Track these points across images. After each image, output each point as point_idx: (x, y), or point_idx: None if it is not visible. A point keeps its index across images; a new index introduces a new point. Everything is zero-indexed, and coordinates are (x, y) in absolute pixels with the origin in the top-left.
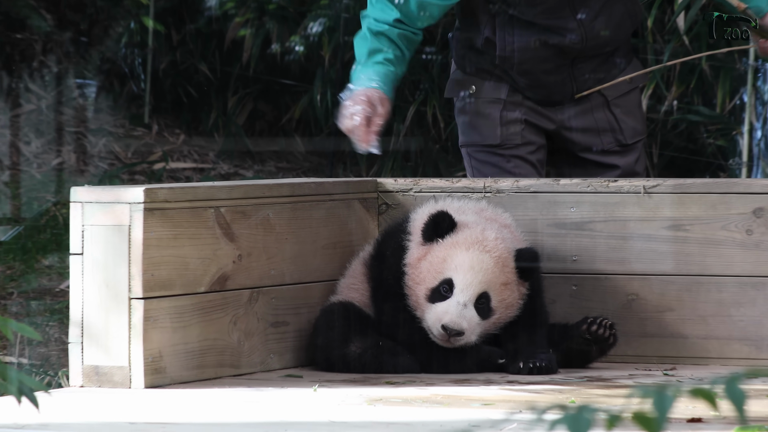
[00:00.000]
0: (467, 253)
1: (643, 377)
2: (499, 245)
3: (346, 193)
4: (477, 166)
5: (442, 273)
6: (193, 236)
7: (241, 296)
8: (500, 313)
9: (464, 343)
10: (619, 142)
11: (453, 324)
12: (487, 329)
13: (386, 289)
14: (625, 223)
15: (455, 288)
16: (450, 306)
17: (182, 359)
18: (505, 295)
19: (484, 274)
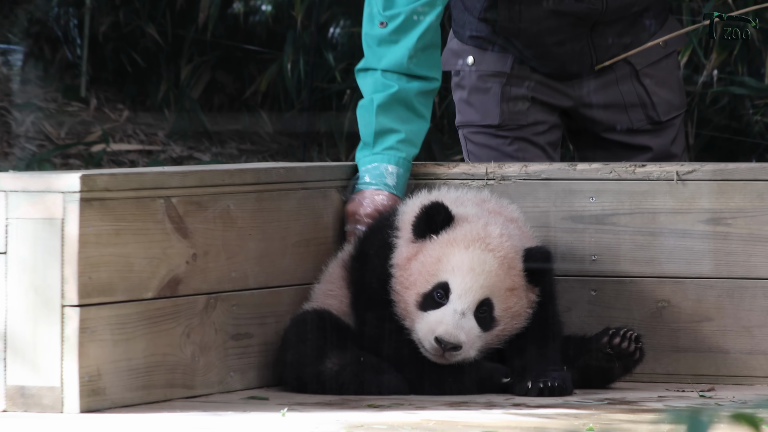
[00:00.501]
0: (466, 252)
1: (675, 399)
2: (504, 243)
3: (322, 180)
4: (474, 150)
5: (436, 276)
6: (138, 232)
7: (195, 303)
8: (505, 323)
9: (462, 359)
10: (650, 120)
11: (448, 336)
12: (489, 343)
13: (369, 294)
14: (655, 216)
15: (452, 293)
16: (445, 315)
17: (125, 378)
18: (510, 303)
19: (486, 278)
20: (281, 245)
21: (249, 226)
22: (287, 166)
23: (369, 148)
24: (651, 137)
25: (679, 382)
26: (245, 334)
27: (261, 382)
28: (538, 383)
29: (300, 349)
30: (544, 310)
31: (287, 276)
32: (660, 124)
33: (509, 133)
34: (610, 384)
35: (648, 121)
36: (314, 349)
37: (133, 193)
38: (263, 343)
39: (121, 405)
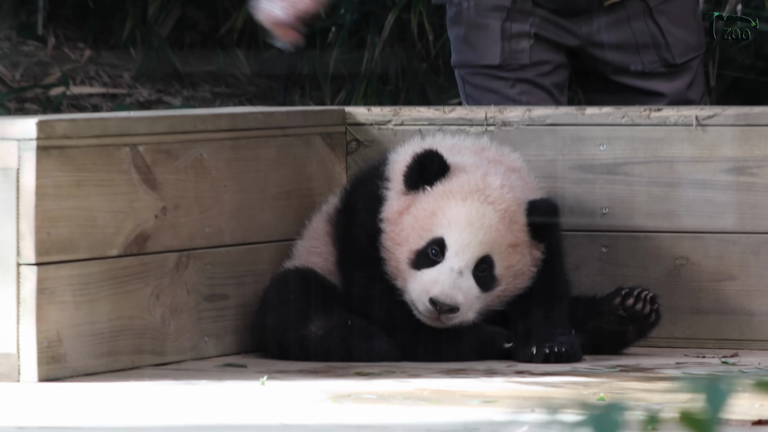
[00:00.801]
0: (464, 204)
1: (694, 366)
2: (505, 195)
3: (305, 126)
4: (472, 92)
5: (430, 231)
6: (102, 183)
7: (165, 261)
8: (506, 283)
9: (459, 323)
10: (665, 62)
11: (444, 297)
12: (489, 304)
13: (357, 252)
14: (672, 165)
15: (448, 250)
16: (441, 274)
17: (88, 344)
18: (512, 260)
19: (486, 233)
20: (260, 198)
21: (224, 176)
22: (266, 110)
23: None
24: (665, 81)
25: (699, 347)
26: (221, 296)
27: (238, 348)
28: (544, 348)
29: (281, 312)
30: (549, 268)
31: (266, 231)
32: (675, 67)
33: (511, 74)
34: (622, 349)
35: (662, 63)
36: (297, 312)
37: (95, 140)
38: (240, 305)
39: (83, 373)
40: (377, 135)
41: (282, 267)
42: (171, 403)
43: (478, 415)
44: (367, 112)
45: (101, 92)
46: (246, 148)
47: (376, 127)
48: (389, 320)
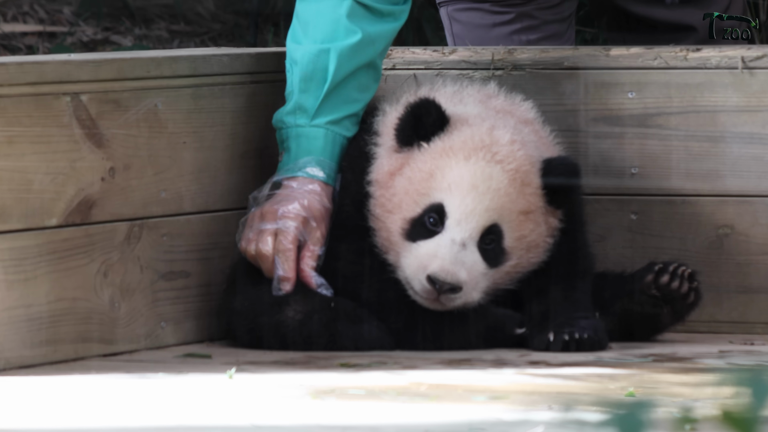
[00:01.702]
0: (467, 164)
1: (740, 355)
2: (516, 152)
3: (279, 71)
4: (460, 32)
5: (427, 195)
6: (38, 139)
7: (114, 232)
8: (518, 257)
9: (462, 304)
10: None
11: (444, 274)
12: (497, 282)
13: (341, 220)
14: (715, 117)
15: (448, 219)
16: (440, 247)
17: (23, 331)
18: (525, 230)
19: (493, 198)
20: (226, 156)
21: (183, 131)
22: (232, 52)
23: (305, 116)
24: (694, 10)
25: (746, 332)
26: (180, 273)
27: (201, 335)
28: (563, 334)
29: (252, 292)
30: (569, 239)
31: (234, 197)
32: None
33: (510, 9)
34: (656, 335)
35: None
36: (271, 292)
37: (30, 88)
38: (204, 284)
39: (18, 365)
40: None
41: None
42: (122, 401)
43: (485, 413)
44: None
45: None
46: (209, 97)
47: None
48: (380, 301)
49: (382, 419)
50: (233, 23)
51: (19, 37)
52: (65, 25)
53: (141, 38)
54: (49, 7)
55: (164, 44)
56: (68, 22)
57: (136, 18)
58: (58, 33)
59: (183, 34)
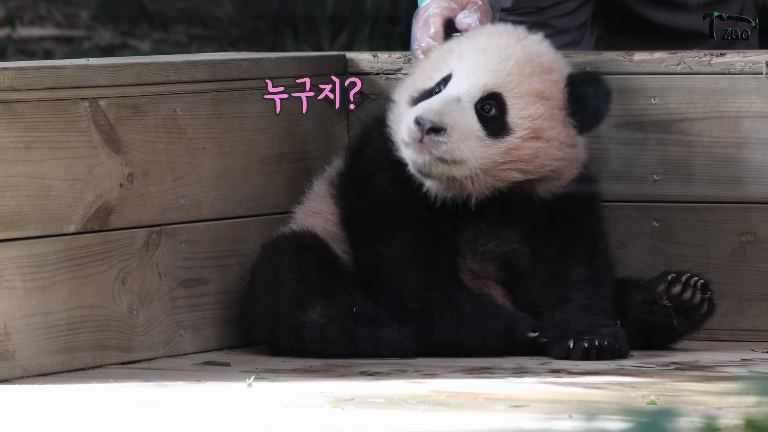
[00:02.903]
0: (488, 37)
1: (763, 364)
2: (542, 46)
3: (298, 76)
4: None
5: (440, 70)
6: (56, 145)
7: (133, 239)
8: (523, 138)
9: (452, 157)
10: None
11: (428, 112)
12: (498, 165)
13: (370, 194)
14: (738, 122)
15: (452, 80)
16: (434, 97)
17: (41, 338)
18: (535, 112)
19: (502, 63)
20: (245, 162)
21: (202, 137)
22: (252, 57)
23: None
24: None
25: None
26: (199, 280)
27: (220, 343)
28: (583, 342)
29: (273, 292)
30: (587, 237)
31: (253, 203)
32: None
33: (526, 18)
34: (671, 344)
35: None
36: (293, 292)
37: (48, 93)
38: (222, 291)
39: (36, 373)
40: (385, 86)
41: (275, 232)
42: (140, 409)
43: (506, 421)
44: (372, 59)
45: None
46: (228, 102)
47: (384, 76)
48: (401, 269)
49: (402, 428)
50: (252, 27)
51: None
52: (82, 29)
53: (159, 42)
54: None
55: (182, 48)
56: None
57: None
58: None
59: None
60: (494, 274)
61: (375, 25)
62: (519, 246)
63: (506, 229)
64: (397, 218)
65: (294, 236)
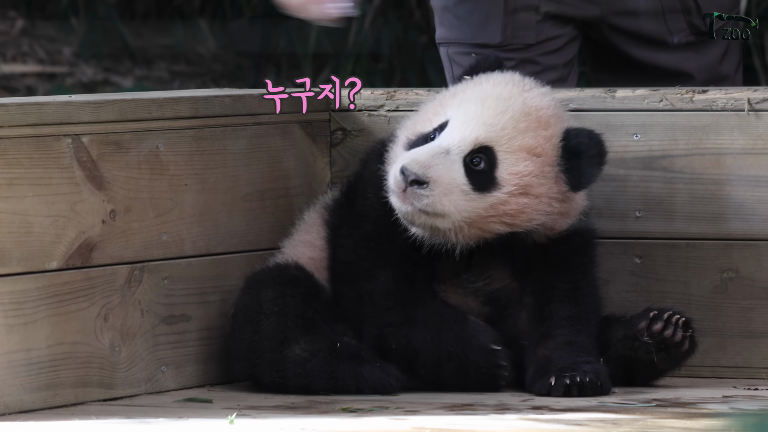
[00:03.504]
0: (490, 86)
1: (744, 400)
2: (545, 99)
3: (281, 113)
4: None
5: (441, 114)
6: (38, 181)
7: (115, 275)
8: (509, 194)
9: (433, 209)
10: (695, 29)
11: (413, 164)
12: (483, 217)
13: (363, 210)
14: (720, 159)
15: (446, 128)
16: (422, 148)
17: (22, 375)
18: (525, 169)
19: (497, 116)
20: (227, 199)
21: (185, 173)
22: (234, 93)
23: None
24: (693, 55)
25: (750, 377)
26: (181, 317)
27: (202, 380)
28: (565, 379)
29: (257, 327)
30: (577, 271)
31: (235, 239)
32: (706, 35)
33: (513, 55)
34: (653, 381)
35: (691, 31)
36: (276, 326)
37: (30, 129)
38: (204, 328)
39: (17, 410)
40: (367, 123)
41: (260, 265)
42: None
43: None
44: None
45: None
46: (211, 138)
47: (367, 113)
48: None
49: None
50: (235, 64)
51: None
52: (65, 66)
53: (141, 79)
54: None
55: (165, 85)
56: (68, 63)
57: (137, 58)
58: (57, 73)
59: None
60: (477, 308)
61: (357, 62)
62: (510, 282)
63: (498, 268)
64: (384, 254)
65: (278, 268)
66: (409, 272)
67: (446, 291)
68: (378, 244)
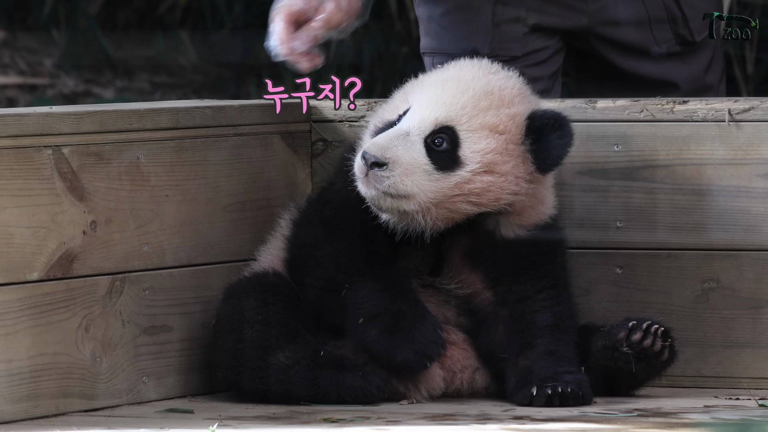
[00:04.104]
0: (451, 70)
1: (726, 410)
2: (511, 80)
3: (262, 123)
4: None
5: (406, 102)
6: (18, 193)
7: (96, 286)
8: (473, 172)
9: (396, 191)
10: (681, 39)
11: (372, 148)
12: (449, 197)
13: (329, 196)
14: (701, 170)
15: (408, 112)
16: (385, 132)
17: (3, 386)
18: (488, 146)
19: (456, 96)
20: (208, 210)
21: (166, 184)
22: (215, 105)
23: None
24: (678, 65)
25: (731, 387)
26: (162, 327)
27: (183, 390)
28: (546, 389)
29: (241, 334)
30: (550, 281)
31: (217, 250)
32: (692, 45)
33: None
34: (633, 390)
35: (677, 41)
36: (259, 335)
37: (10, 141)
38: (186, 338)
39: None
40: (348, 134)
41: (239, 275)
42: None
43: None
44: (336, 106)
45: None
46: (192, 150)
47: (347, 124)
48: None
49: None
50: (216, 75)
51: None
52: (46, 77)
53: (122, 90)
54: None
55: (146, 96)
56: (49, 74)
57: (118, 69)
58: (38, 85)
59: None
60: (454, 319)
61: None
62: (481, 288)
63: (469, 271)
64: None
65: (257, 277)
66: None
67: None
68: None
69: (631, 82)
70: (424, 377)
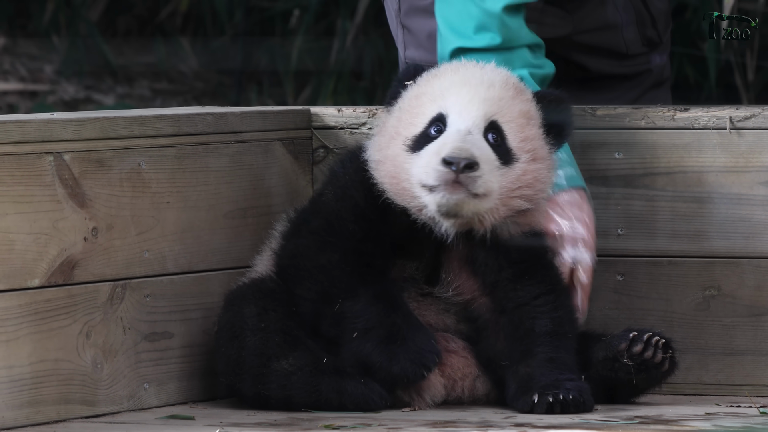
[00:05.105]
0: (457, 72)
1: (727, 417)
2: (505, 72)
3: (263, 130)
4: None
5: (424, 114)
6: (20, 199)
7: (97, 293)
8: (526, 161)
9: (484, 190)
10: (648, 41)
11: (458, 150)
12: (513, 192)
13: (318, 207)
14: (702, 177)
15: (449, 117)
16: (447, 136)
17: (5, 392)
18: (528, 133)
19: (489, 91)
20: (209, 216)
21: (167, 191)
22: (216, 111)
23: None
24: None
25: (732, 394)
26: (163, 334)
27: (184, 397)
28: (547, 396)
29: (243, 341)
30: (552, 300)
31: (218, 257)
32: (656, 47)
33: None
34: (633, 399)
35: (644, 42)
36: (261, 341)
37: (12, 147)
38: (187, 345)
39: (0, 427)
40: (350, 140)
41: (239, 281)
42: None
43: None
44: (337, 113)
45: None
46: (193, 156)
47: (348, 131)
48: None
49: None
50: (216, 82)
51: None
52: (46, 84)
53: (123, 96)
54: (31, 66)
55: (147, 103)
56: (50, 81)
57: (119, 76)
58: (39, 91)
59: (166, 92)
60: (454, 327)
61: (339, 80)
62: (479, 295)
63: (467, 277)
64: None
65: (255, 283)
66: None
67: (418, 308)
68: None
69: (609, 79)
70: (425, 386)
